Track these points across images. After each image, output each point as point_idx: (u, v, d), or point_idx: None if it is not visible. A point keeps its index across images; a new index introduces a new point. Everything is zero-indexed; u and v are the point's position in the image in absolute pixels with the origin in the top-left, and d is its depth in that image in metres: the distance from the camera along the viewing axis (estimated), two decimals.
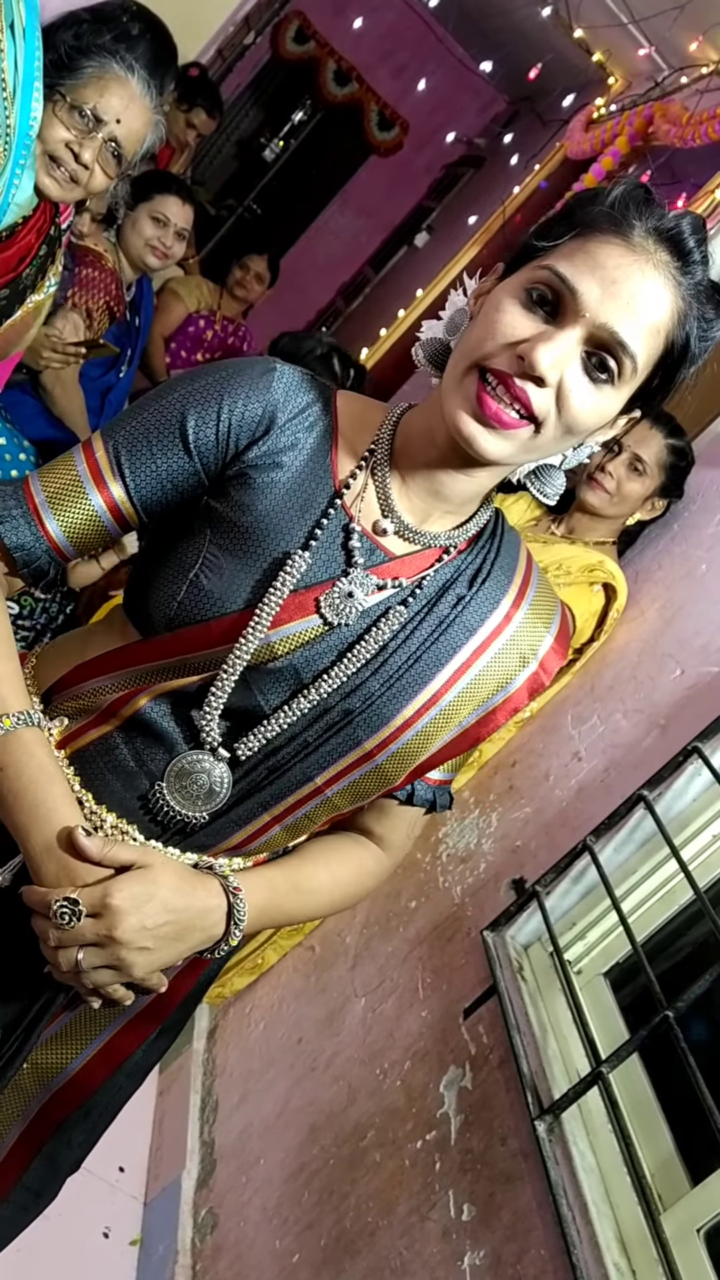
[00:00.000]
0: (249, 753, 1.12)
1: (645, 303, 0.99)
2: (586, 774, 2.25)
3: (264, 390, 1.11)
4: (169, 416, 1.11)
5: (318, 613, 1.10)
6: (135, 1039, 1.27)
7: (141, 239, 3.18)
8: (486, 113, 8.06)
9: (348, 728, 1.11)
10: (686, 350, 1.03)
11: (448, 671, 1.13)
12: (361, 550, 1.11)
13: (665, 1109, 1.70)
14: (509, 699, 1.17)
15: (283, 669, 1.10)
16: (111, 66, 1.89)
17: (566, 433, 1.04)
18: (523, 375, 0.99)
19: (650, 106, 4.55)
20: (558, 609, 1.20)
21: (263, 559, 1.09)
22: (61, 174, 1.85)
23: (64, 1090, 1.25)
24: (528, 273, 1.02)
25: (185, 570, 1.11)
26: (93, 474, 1.12)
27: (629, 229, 0.99)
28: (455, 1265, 1.70)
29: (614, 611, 2.59)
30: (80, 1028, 1.24)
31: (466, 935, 2.19)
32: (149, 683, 1.13)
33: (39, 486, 1.13)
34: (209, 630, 1.09)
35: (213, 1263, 2.30)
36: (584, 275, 0.98)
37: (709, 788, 1.91)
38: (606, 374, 1.01)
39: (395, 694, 1.11)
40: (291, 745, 1.12)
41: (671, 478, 2.65)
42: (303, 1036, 2.53)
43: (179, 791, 1.13)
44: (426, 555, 1.14)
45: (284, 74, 8.16)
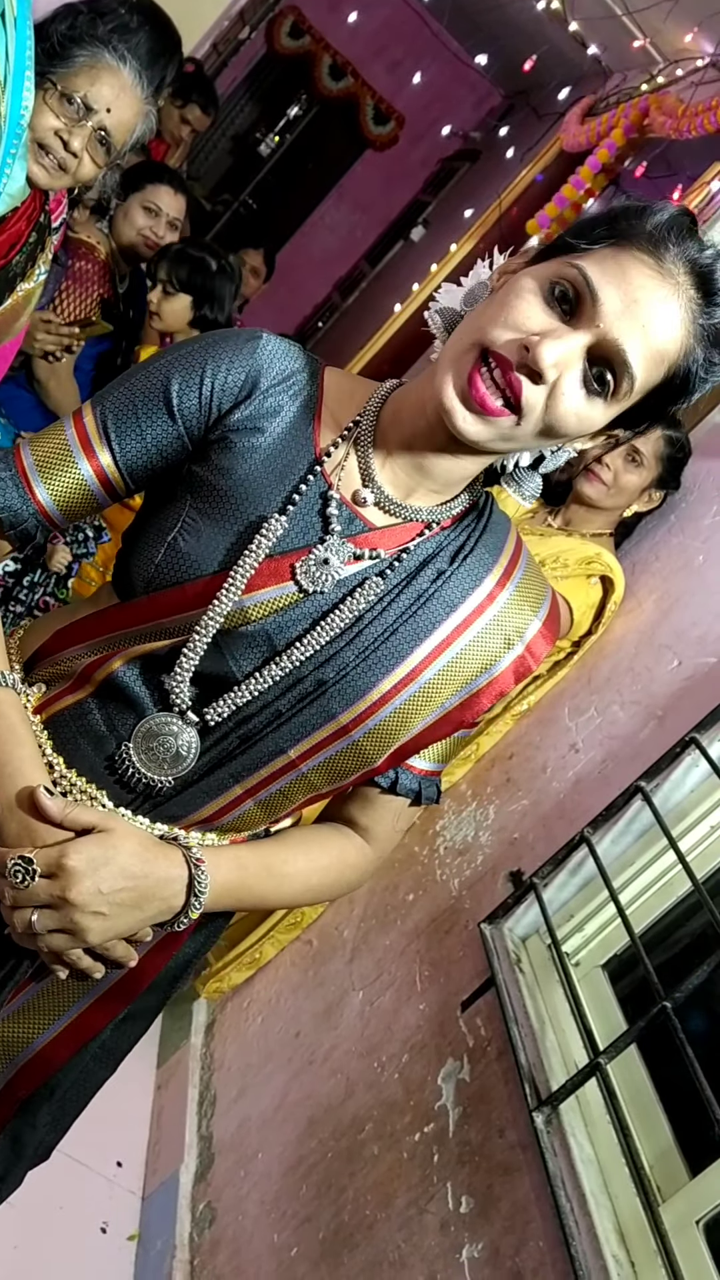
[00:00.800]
0: (218, 718, 1.12)
1: (659, 329, 0.99)
2: (584, 766, 2.24)
3: (248, 355, 1.12)
4: (154, 384, 1.12)
5: (293, 579, 1.10)
6: (103, 1017, 1.24)
7: (133, 229, 3.15)
8: (482, 106, 8.06)
9: (321, 698, 1.11)
10: (685, 386, 1.03)
11: (426, 647, 1.12)
12: (339, 518, 1.11)
13: (664, 1100, 1.70)
14: (493, 681, 1.16)
15: (254, 633, 1.10)
16: (103, 56, 1.89)
17: (545, 432, 1.03)
18: (522, 366, 0.99)
19: (646, 99, 4.54)
20: (547, 594, 1.19)
21: (239, 522, 1.10)
22: (50, 162, 1.84)
23: (28, 1066, 1.23)
24: (556, 266, 1.02)
25: (164, 534, 1.12)
26: (81, 442, 1.13)
27: (665, 253, 0.99)
28: (454, 1257, 1.69)
29: (611, 604, 2.58)
30: (47, 1001, 1.22)
31: (464, 928, 2.18)
32: (122, 648, 1.14)
33: (29, 452, 1.15)
34: (183, 593, 1.10)
35: (211, 1257, 2.29)
36: (609, 285, 0.98)
37: (706, 779, 1.90)
38: (602, 387, 1.01)
39: (370, 666, 1.11)
40: (264, 714, 1.12)
41: (668, 469, 2.64)
42: (300, 1030, 2.53)
43: (145, 753, 1.13)
44: (408, 529, 1.14)
45: (279, 69, 8.16)
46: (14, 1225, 2.21)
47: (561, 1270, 1.51)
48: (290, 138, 8.70)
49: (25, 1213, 2.24)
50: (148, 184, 3.19)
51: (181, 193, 3.30)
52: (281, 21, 7.65)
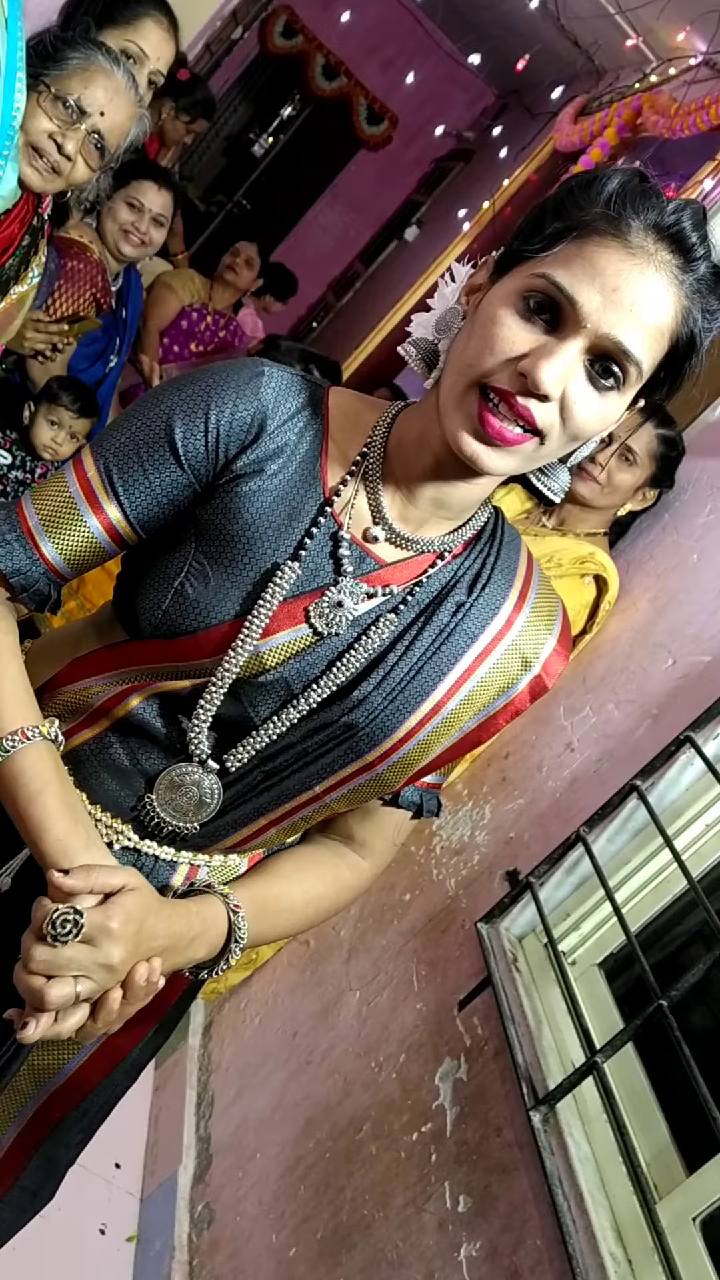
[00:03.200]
0: (238, 764, 1.11)
1: (648, 308, 0.95)
2: (579, 765, 2.24)
3: (252, 395, 1.07)
4: (157, 429, 1.07)
5: (307, 622, 1.08)
6: (133, 1037, 1.26)
7: (116, 224, 3.12)
8: (475, 106, 8.06)
9: (350, 740, 1.10)
10: (692, 345, 1.00)
11: (450, 680, 1.11)
12: (351, 559, 1.09)
13: (660, 1098, 1.70)
14: (511, 702, 1.15)
15: (273, 682, 1.08)
16: (96, 58, 1.89)
17: (572, 440, 1.01)
18: (525, 393, 0.96)
19: (639, 98, 4.54)
20: (559, 611, 1.18)
21: (251, 569, 1.07)
22: (43, 164, 1.84)
23: (61, 1090, 1.25)
24: (523, 279, 0.97)
25: (170, 579, 1.08)
26: (86, 495, 1.09)
27: (627, 229, 0.94)
28: (451, 1257, 1.70)
29: (606, 603, 2.58)
30: None
31: (461, 927, 2.18)
32: (140, 683, 1.12)
33: (32, 509, 1.10)
34: (197, 642, 1.07)
35: (209, 1258, 2.29)
36: (582, 284, 0.94)
37: (701, 777, 1.91)
38: (611, 380, 0.97)
39: (399, 706, 1.09)
40: (288, 754, 1.11)
41: (662, 468, 2.64)
42: (298, 1030, 2.53)
43: (169, 804, 1.13)
44: (420, 561, 1.12)
45: (272, 69, 8.16)
46: None
47: (559, 1268, 1.51)
48: (284, 138, 8.70)
49: None
50: (132, 179, 3.16)
51: (167, 189, 3.27)
52: (274, 21, 7.65)
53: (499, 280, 1.01)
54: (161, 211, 3.20)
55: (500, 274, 1.02)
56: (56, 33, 1.88)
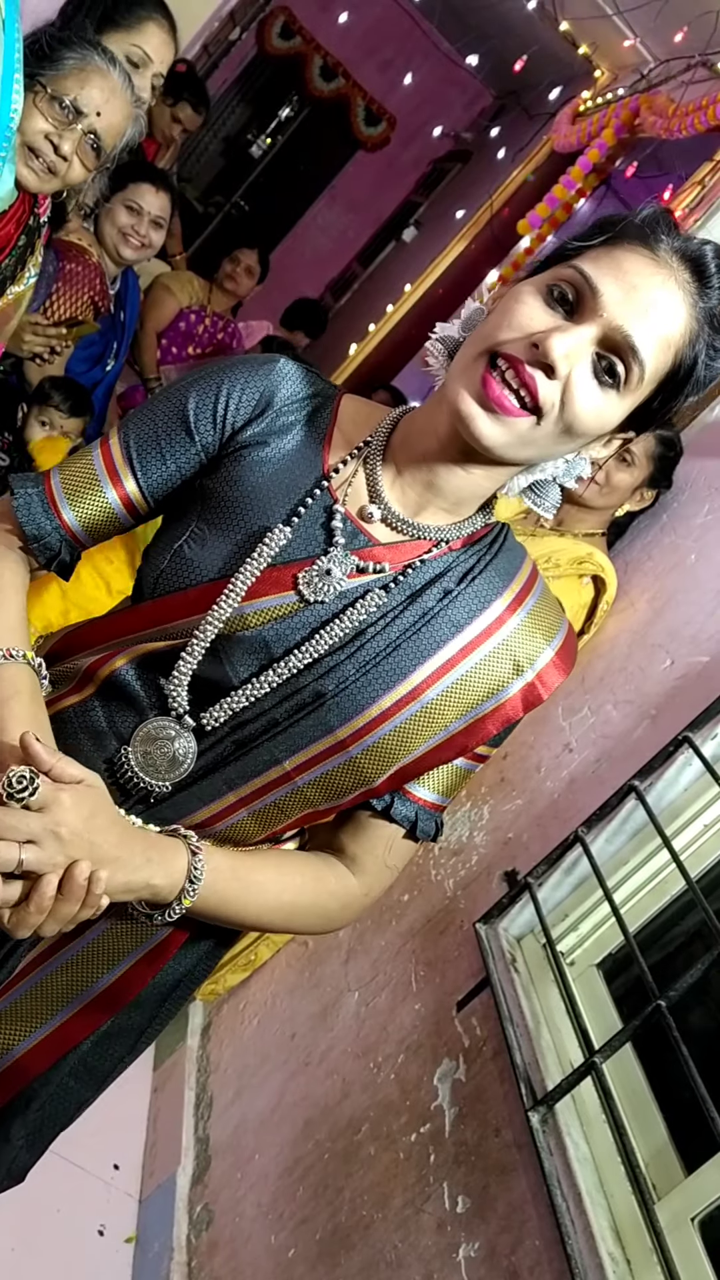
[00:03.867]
0: (214, 724, 1.12)
1: (661, 313, 1.01)
2: (578, 765, 2.24)
3: (264, 376, 1.16)
4: (174, 407, 1.16)
5: (295, 589, 1.11)
6: (85, 1027, 1.22)
7: (115, 228, 3.14)
8: (473, 107, 8.06)
9: (319, 710, 1.10)
10: (692, 372, 1.05)
11: (429, 666, 1.11)
12: (343, 531, 1.12)
13: (659, 1098, 1.70)
14: (500, 708, 1.14)
15: (252, 640, 1.10)
16: (93, 59, 1.89)
17: (565, 431, 1.03)
18: (534, 363, 1.00)
19: (636, 99, 4.55)
20: (563, 626, 1.18)
21: (243, 531, 1.12)
22: (39, 165, 1.84)
23: (4, 1075, 1.20)
24: (552, 272, 1.05)
25: (173, 541, 1.15)
26: (109, 469, 1.18)
27: (656, 243, 1.02)
28: (450, 1257, 1.70)
29: (604, 604, 2.58)
30: (30, 1008, 1.19)
31: (459, 928, 2.19)
32: (126, 646, 1.16)
33: (58, 478, 1.19)
34: (186, 598, 1.12)
35: (208, 1259, 2.29)
36: (606, 277, 1.01)
37: (700, 777, 1.91)
38: (614, 378, 1.02)
39: (370, 681, 1.10)
40: (260, 721, 1.12)
41: (660, 468, 2.65)
42: (296, 1031, 2.53)
43: (144, 758, 1.14)
44: (415, 546, 1.14)
45: (270, 70, 8.16)
46: (11, 1228, 2.21)
47: (557, 1269, 1.51)
48: (282, 139, 8.71)
49: (22, 1215, 2.24)
50: (130, 183, 3.17)
51: (165, 191, 3.28)
52: (272, 22, 7.66)
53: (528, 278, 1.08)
54: (160, 213, 3.21)
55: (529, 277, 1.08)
56: (53, 33, 1.88)
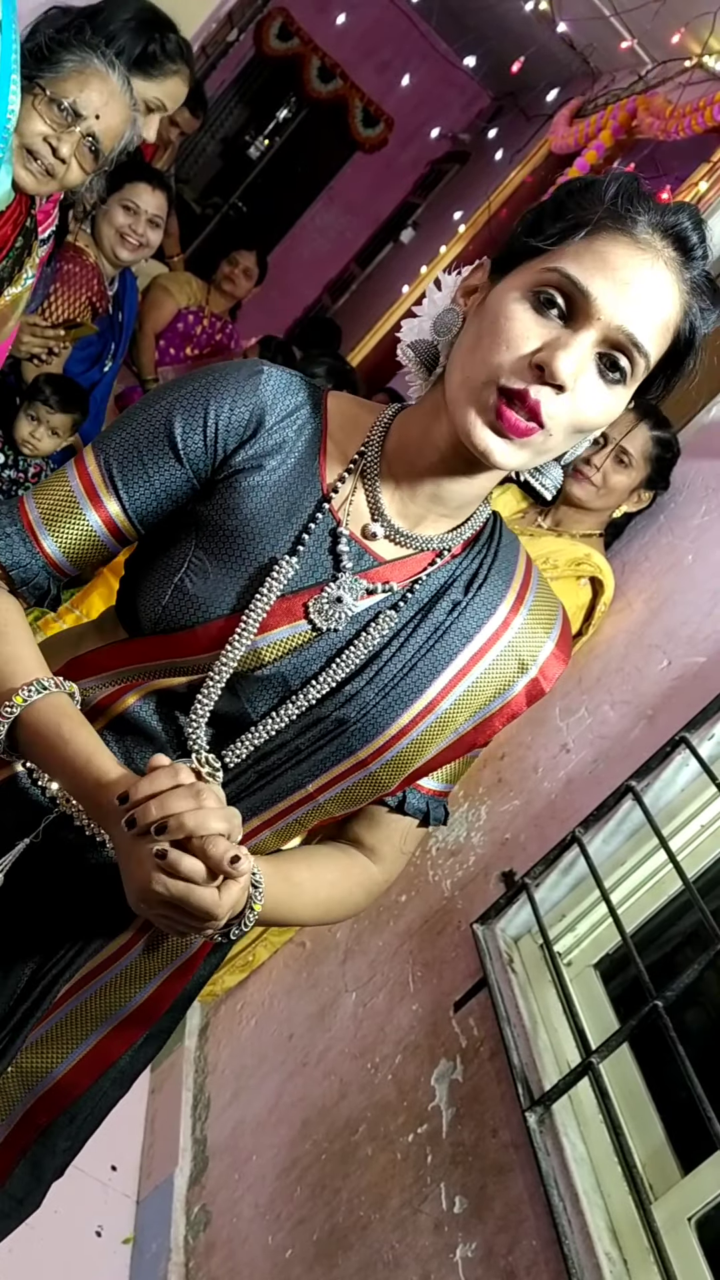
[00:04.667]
0: (236, 760, 1.10)
1: (657, 299, 0.98)
2: (575, 766, 2.25)
3: (251, 392, 1.09)
4: (157, 426, 1.09)
5: (306, 618, 1.08)
6: (123, 1043, 1.24)
7: (113, 229, 3.12)
8: (471, 108, 8.06)
9: (341, 736, 1.09)
10: (691, 342, 1.03)
11: (444, 679, 1.11)
12: (350, 554, 1.09)
13: (656, 1098, 1.70)
14: (507, 705, 1.15)
15: (270, 677, 1.08)
16: (92, 61, 1.89)
17: (576, 431, 1.02)
18: (539, 384, 0.97)
19: (634, 100, 4.55)
20: (558, 615, 1.18)
21: (249, 564, 1.07)
22: (38, 167, 1.84)
23: (49, 1094, 1.23)
24: (533, 274, 0.99)
25: (171, 574, 1.09)
26: (87, 491, 1.11)
27: (633, 224, 0.98)
28: (447, 1258, 1.70)
29: (601, 605, 2.58)
30: (68, 1030, 1.21)
31: (456, 928, 2.19)
32: (137, 681, 1.12)
33: (33, 505, 1.12)
34: (195, 636, 1.08)
35: (206, 1260, 2.29)
36: (595, 277, 0.97)
37: (697, 778, 1.91)
38: (618, 373, 1.00)
39: (391, 703, 1.09)
40: (282, 752, 1.10)
41: (657, 469, 2.65)
42: (294, 1032, 2.53)
43: None
44: (419, 559, 1.12)
45: (268, 71, 8.16)
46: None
47: (555, 1269, 1.51)
48: (279, 140, 8.71)
49: None
50: (126, 183, 3.16)
51: (161, 190, 3.27)
52: (270, 23, 7.66)
53: (500, 280, 1.03)
54: (157, 212, 3.20)
55: (500, 274, 1.04)
56: (52, 35, 1.88)
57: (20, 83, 1.71)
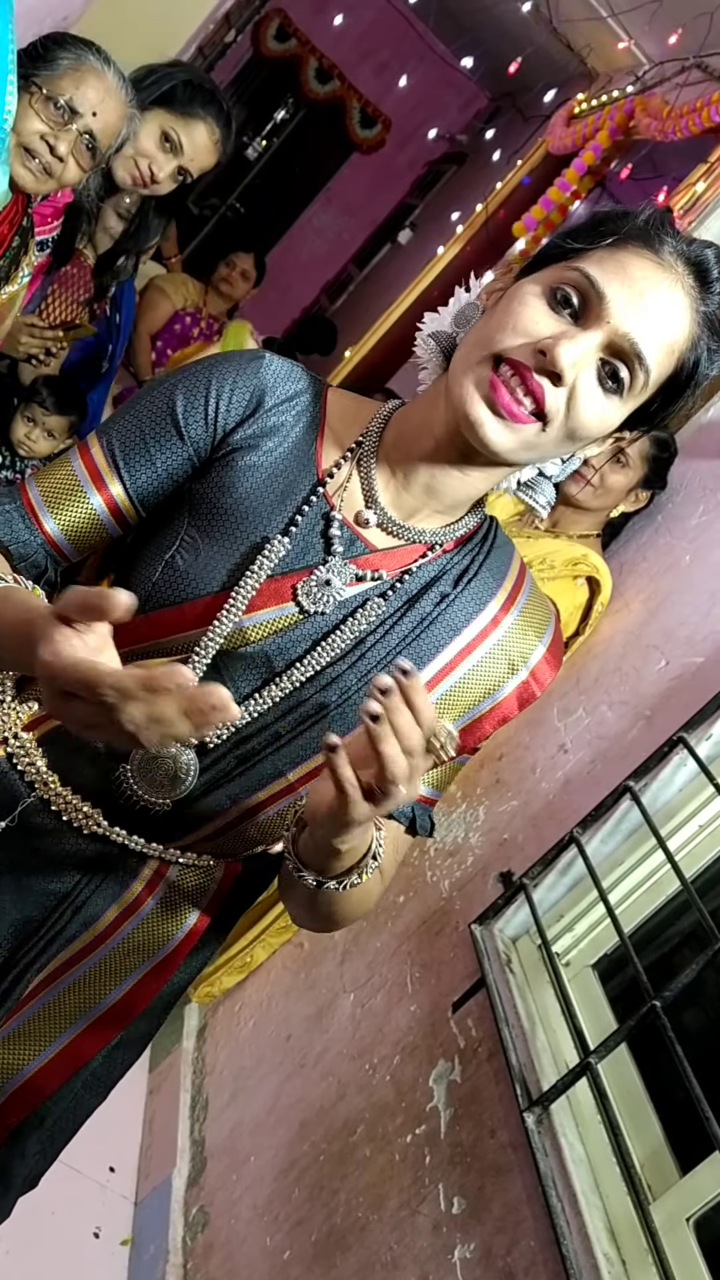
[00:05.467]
0: (216, 740, 1.10)
1: (667, 319, 1.00)
2: (573, 766, 2.25)
3: (252, 374, 1.12)
4: (160, 407, 1.11)
5: (294, 600, 1.09)
6: (96, 1043, 1.23)
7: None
8: (468, 109, 8.08)
9: (322, 722, 1.09)
10: (693, 375, 1.04)
11: (428, 672, 1.11)
12: (341, 540, 1.10)
13: (654, 1099, 1.70)
14: (496, 707, 1.15)
15: (254, 655, 1.08)
16: (87, 59, 1.89)
17: (569, 437, 1.03)
18: (540, 370, 0.98)
19: (631, 101, 4.55)
20: (551, 620, 1.18)
21: (240, 542, 1.09)
22: (36, 165, 1.84)
23: (18, 1094, 1.21)
24: (554, 272, 1.02)
25: (163, 551, 1.11)
26: (91, 474, 1.12)
27: (660, 245, 1.01)
28: (446, 1258, 1.69)
29: (598, 605, 2.58)
30: (39, 1027, 1.19)
31: (455, 929, 2.18)
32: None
33: (34, 486, 1.13)
34: (183, 613, 1.09)
35: (204, 1261, 2.29)
36: (613, 281, 0.99)
37: (694, 778, 1.91)
38: (617, 384, 1.01)
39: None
40: (262, 735, 1.10)
41: (655, 469, 2.65)
42: (292, 1033, 2.53)
43: (143, 776, 1.11)
44: (410, 550, 1.13)
45: (265, 72, 8.17)
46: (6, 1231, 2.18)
47: (553, 1270, 1.51)
48: (277, 141, 8.71)
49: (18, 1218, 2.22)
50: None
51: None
52: (267, 24, 7.67)
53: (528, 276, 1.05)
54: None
55: (524, 275, 1.06)
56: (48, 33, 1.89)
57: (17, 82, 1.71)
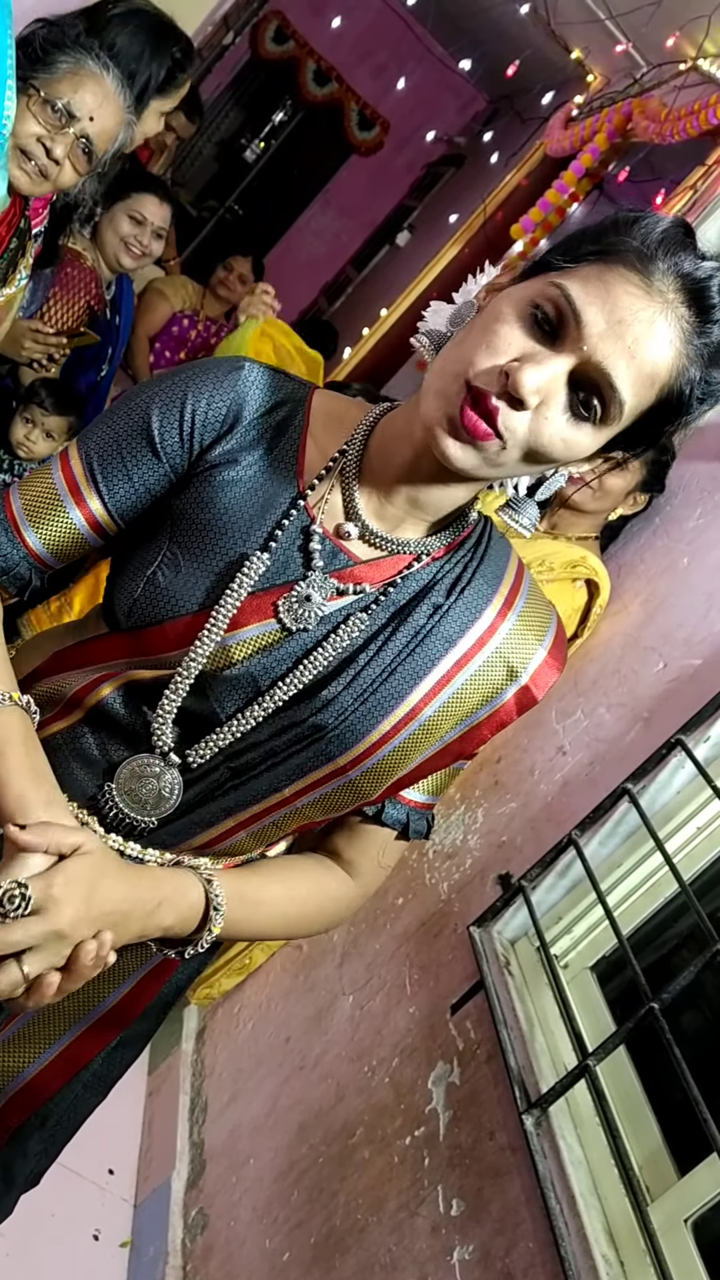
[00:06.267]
0: (200, 760, 1.10)
1: (647, 351, 0.93)
2: (571, 768, 2.25)
3: (229, 387, 1.09)
4: (136, 421, 1.10)
5: (275, 617, 1.07)
6: (95, 1045, 1.23)
7: (118, 237, 3.17)
8: (466, 111, 8.08)
9: (319, 742, 1.08)
10: (681, 408, 0.98)
11: (426, 685, 1.09)
12: (322, 553, 1.08)
13: (652, 1101, 1.70)
14: (495, 714, 1.12)
15: (239, 677, 1.07)
16: (86, 63, 1.90)
17: (529, 457, 0.98)
18: (502, 393, 0.94)
19: (629, 103, 4.56)
20: (552, 622, 1.15)
21: (220, 559, 1.07)
22: (31, 167, 1.84)
23: (19, 1095, 1.21)
24: (538, 286, 0.97)
25: (144, 568, 1.10)
26: (70, 487, 1.11)
27: (653, 270, 0.93)
28: (444, 1260, 1.70)
29: (597, 607, 2.59)
30: (38, 1030, 1.20)
31: (453, 931, 2.19)
32: (112, 673, 1.12)
33: (17, 498, 1.13)
34: (164, 632, 1.07)
35: (203, 1263, 2.29)
36: (592, 305, 0.93)
37: (692, 780, 1.91)
38: (589, 412, 0.96)
39: (370, 709, 1.07)
40: (257, 752, 1.09)
41: (653, 472, 2.65)
42: (291, 1035, 2.53)
43: (128, 794, 1.12)
44: (395, 561, 1.10)
45: (264, 74, 8.17)
46: (6, 1233, 2.19)
47: (552, 1271, 1.51)
48: (275, 143, 8.72)
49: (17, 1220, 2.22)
50: (133, 193, 3.20)
51: (167, 202, 3.32)
52: (265, 26, 7.67)
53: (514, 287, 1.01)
54: (162, 224, 3.27)
55: (524, 277, 1.02)
56: (46, 36, 1.89)
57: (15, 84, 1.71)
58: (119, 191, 3.15)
